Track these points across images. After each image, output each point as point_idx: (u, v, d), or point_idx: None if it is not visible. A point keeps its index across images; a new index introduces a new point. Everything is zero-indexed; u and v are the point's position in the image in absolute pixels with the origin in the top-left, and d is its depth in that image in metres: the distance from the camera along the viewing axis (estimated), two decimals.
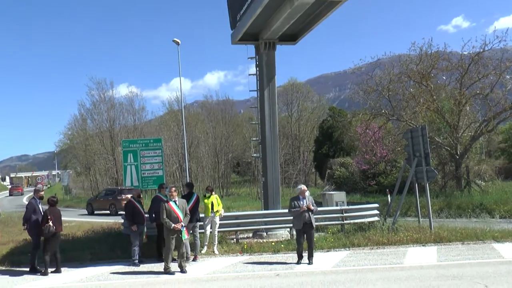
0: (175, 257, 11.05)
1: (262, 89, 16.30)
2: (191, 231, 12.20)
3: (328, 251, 12.92)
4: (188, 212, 11.07)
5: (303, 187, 11.68)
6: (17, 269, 11.92)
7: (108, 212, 32.08)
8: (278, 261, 11.78)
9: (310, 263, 11.12)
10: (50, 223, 11.04)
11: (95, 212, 33.72)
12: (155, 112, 61.42)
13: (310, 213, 11.31)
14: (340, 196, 19.90)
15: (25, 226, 11.72)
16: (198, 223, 12.76)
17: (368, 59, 28.09)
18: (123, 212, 13.37)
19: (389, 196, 20.31)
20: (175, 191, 11.10)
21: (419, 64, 25.33)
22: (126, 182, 16.25)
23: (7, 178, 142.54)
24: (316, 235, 14.25)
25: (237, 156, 53.33)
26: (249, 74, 16.91)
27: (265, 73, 16.22)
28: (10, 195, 72.32)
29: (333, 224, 15.53)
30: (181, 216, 10.75)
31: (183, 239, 10.73)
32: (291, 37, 16.86)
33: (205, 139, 47.21)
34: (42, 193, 12.13)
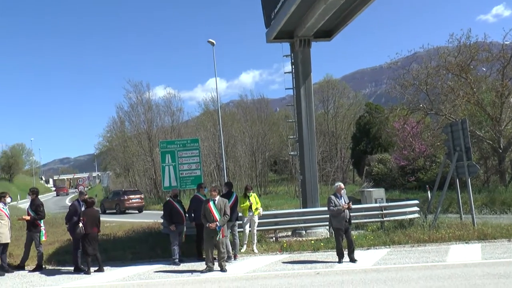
0: (216, 256, 11.11)
1: (298, 87, 16.24)
2: (229, 231, 12.26)
3: (368, 249, 12.77)
4: (227, 211, 11.10)
5: (340, 184, 11.56)
6: (63, 268, 12.24)
7: (114, 211, 35.72)
8: (318, 259, 11.71)
9: (353, 261, 10.94)
10: (80, 224, 11.39)
11: (106, 211, 36.54)
12: (191, 113, 62.22)
13: (349, 211, 11.20)
14: (379, 193, 19.64)
15: (68, 226, 12.08)
16: (237, 222, 12.82)
17: (404, 53, 27.65)
18: (134, 211, 13.58)
19: (429, 192, 19.95)
20: (214, 190, 11.17)
21: (457, 56, 24.74)
22: (165, 183, 16.42)
23: (51, 181, 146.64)
24: (355, 233, 14.17)
25: (274, 154, 53.27)
26: (285, 72, 16.87)
27: (301, 70, 16.16)
28: (57, 195, 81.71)
29: (372, 222, 15.35)
30: (217, 216, 10.81)
31: (217, 239, 10.78)
32: (326, 33, 16.73)
33: (242, 138, 47.32)
34: (86, 196, 12.42)
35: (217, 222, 10.76)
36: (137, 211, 35.70)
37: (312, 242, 13.67)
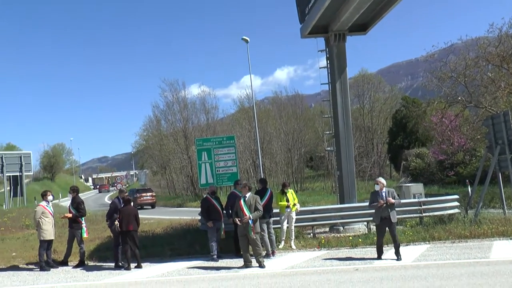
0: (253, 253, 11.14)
1: (333, 81, 16.12)
2: (263, 227, 12.25)
3: (407, 245, 12.59)
4: (258, 207, 11.05)
5: (380, 180, 11.40)
6: (104, 264, 12.51)
7: None
8: (356, 255, 11.62)
9: (398, 259, 10.74)
10: (116, 222, 11.69)
11: None
12: (226, 111, 62.55)
13: (389, 207, 10.98)
14: (417, 188, 19.31)
15: (108, 223, 12.36)
16: (271, 219, 12.78)
17: (441, 45, 27.08)
18: (147, 207, 13.70)
19: (469, 187, 19.50)
20: (244, 187, 11.22)
21: (498, 46, 24.05)
22: (201, 180, 16.51)
23: (90, 179, 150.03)
24: None
25: (310, 150, 53.03)
26: (320, 67, 16.77)
27: (336, 65, 16.03)
28: (99, 191, 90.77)
29: (411, 217, 15.12)
30: (246, 212, 10.84)
31: (249, 235, 10.79)
32: (361, 27, 16.55)
33: (277, 134, 47.27)
34: (126, 194, 12.67)
35: (246, 217, 10.78)
36: (150, 207, 40.85)
37: (350, 238, 13.57)
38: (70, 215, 12.60)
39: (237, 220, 10.96)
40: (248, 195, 11.09)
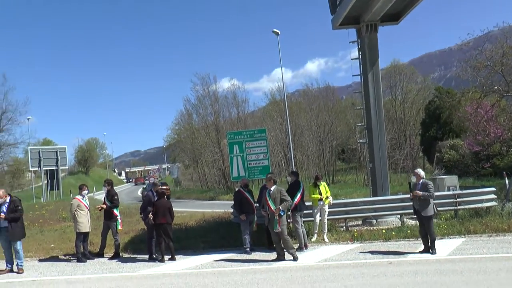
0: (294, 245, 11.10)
1: (365, 73, 15.95)
2: (297, 219, 12.24)
3: (441, 238, 12.37)
4: (286, 198, 10.91)
5: (416, 171, 11.25)
6: (139, 256, 12.72)
7: None
8: (390, 249, 11.51)
9: (432, 252, 10.60)
10: (150, 215, 11.83)
11: None
12: (257, 104, 62.41)
13: (418, 200, 10.84)
14: (452, 180, 18.94)
15: (142, 215, 12.56)
16: (301, 212, 12.72)
17: (476, 33, 26.37)
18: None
19: (506, 179, 19.04)
20: (269, 180, 11.21)
21: None
22: (233, 173, 16.57)
23: (123, 173, 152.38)
24: None
25: (341, 143, 52.67)
26: (351, 59, 16.60)
27: (368, 56, 15.84)
28: (135, 184, 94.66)
29: (445, 210, 14.86)
30: (271, 205, 10.82)
31: (274, 229, 10.76)
32: (393, 16, 16.30)
33: (309, 127, 47.08)
34: (159, 187, 12.84)
35: (275, 209, 10.76)
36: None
37: (383, 231, 13.45)
38: (104, 206, 12.88)
39: (263, 212, 11.08)
40: (273, 188, 11.04)
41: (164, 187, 12.83)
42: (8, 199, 11.35)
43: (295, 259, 10.75)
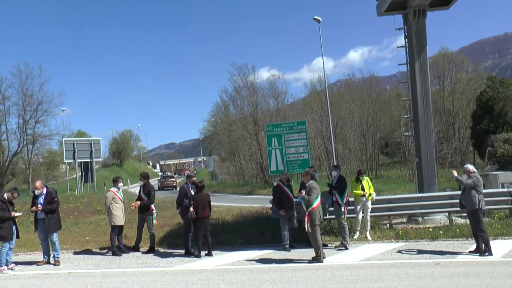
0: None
1: (412, 62, 15.66)
2: (340, 213, 12.21)
3: (494, 239, 12.01)
4: (312, 195, 10.65)
5: (465, 167, 11.02)
6: (174, 251, 12.90)
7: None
8: (437, 248, 11.31)
9: (484, 254, 10.29)
10: (191, 208, 11.90)
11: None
12: (296, 95, 61.81)
13: (463, 191, 10.67)
14: (506, 176, 18.43)
15: (179, 210, 12.68)
16: (348, 208, 12.68)
17: None
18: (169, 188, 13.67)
19: None
20: (306, 174, 11.15)
21: None
22: (271, 167, 16.60)
23: (157, 166, 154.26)
24: None
25: (385, 136, 51.93)
26: (397, 47, 16.32)
27: (415, 44, 15.53)
28: (179, 174, 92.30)
29: (499, 209, 14.50)
30: (303, 204, 10.76)
31: (306, 229, 10.65)
32: (443, 1, 15.92)
33: (351, 119, 46.62)
34: (195, 178, 12.98)
35: (300, 193, 10.78)
36: (171, 188, 55.02)
37: (430, 230, 13.21)
38: (139, 203, 13.05)
39: (281, 211, 11.33)
40: (309, 183, 10.94)
41: (171, 179, 13.00)
42: (45, 191, 11.71)
43: (317, 260, 10.56)
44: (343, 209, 12.29)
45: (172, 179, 61.07)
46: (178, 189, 36.30)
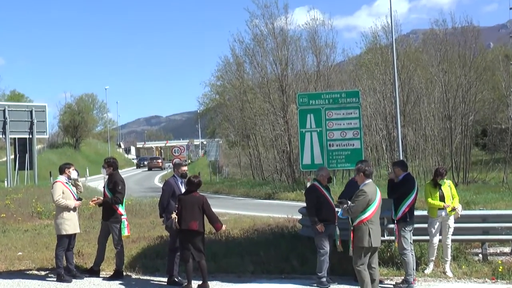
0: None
1: None
2: (406, 235, 12.17)
3: None
4: (353, 203, 10.67)
5: None
6: (152, 278, 13.00)
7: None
8: None
9: None
10: (173, 215, 11.74)
11: None
12: (347, 51, 60.82)
13: None
14: None
15: (163, 217, 12.67)
16: (411, 226, 12.60)
17: None
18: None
19: None
20: (357, 171, 11.07)
21: None
22: (304, 158, 16.50)
23: (133, 149, 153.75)
24: None
25: (483, 118, 51.30)
26: None
27: None
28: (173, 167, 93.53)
29: None
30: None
31: (350, 253, 10.60)
32: None
33: (430, 91, 46.11)
34: (185, 168, 12.96)
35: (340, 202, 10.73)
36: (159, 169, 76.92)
37: None
38: (101, 198, 13.07)
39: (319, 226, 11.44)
40: (363, 185, 10.86)
41: (159, 160, 12.99)
42: None
43: None
44: (394, 229, 12.23)
45: (159, 161, 77.33)
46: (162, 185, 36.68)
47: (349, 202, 10.59)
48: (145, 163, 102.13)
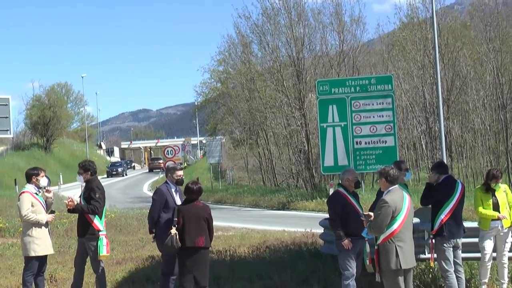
0: None
1: None
2: (448, 254, 12.13)
3: None
4: (376, 212, 10.66)
5: None
6: None
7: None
8: None
9: None
10: (173, 230, 11.57)
11: None
12: (379, 27, 60.13)
13: None
14: None
15: (154, 233, 12.59)
16: (452, 240, 12.50)
17: None
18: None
19: None
20: (380, 175, 10.99)
21: None
22: (326, 160, 16.51)
23: (116, 151, 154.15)
24: None
25: None
26: None
27: None
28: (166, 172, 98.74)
29: None
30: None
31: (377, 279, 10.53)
32: None
33: (479, 75, 46.13)
34: (181, 173, 12.91)
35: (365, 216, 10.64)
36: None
37: None
38: (75, 202, 12.87)
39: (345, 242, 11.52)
40: (386, 192, 10.75)
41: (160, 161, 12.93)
42: None
43: None
44: (430, 244, 12.16)
45: (160, 161, 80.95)
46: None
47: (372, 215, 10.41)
48: (120, 170, 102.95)
